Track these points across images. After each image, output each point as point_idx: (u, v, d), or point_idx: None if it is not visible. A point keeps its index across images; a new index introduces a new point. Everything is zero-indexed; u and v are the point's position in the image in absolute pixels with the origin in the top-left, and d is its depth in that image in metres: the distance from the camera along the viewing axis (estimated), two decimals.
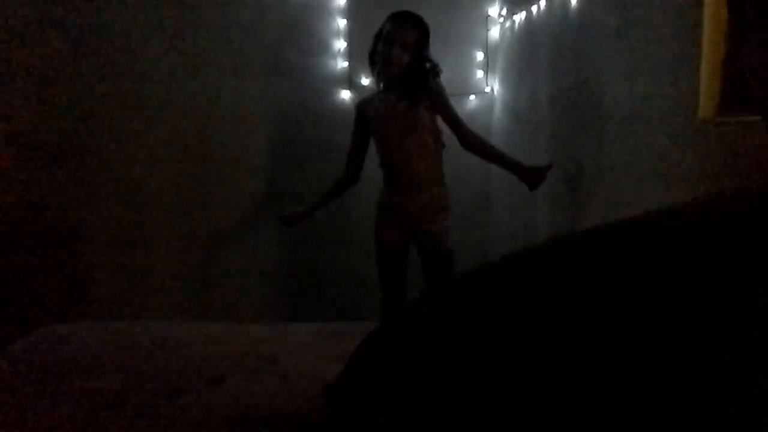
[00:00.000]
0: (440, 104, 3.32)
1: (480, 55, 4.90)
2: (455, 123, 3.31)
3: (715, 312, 0.85)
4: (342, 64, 4.81)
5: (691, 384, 0.83)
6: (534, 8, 4.09)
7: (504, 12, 4.75)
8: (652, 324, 0.88)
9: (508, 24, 4.67)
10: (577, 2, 3.41)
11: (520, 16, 4.40)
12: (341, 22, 4.80)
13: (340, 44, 4.82)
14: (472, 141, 3.30)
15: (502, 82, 4.83)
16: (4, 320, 4.11)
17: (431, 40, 3.38)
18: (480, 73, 4.92)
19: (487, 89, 4.91)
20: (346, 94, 4.79)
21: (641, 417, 0.83)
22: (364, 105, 3.47)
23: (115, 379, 2.30)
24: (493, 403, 0.93)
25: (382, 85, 3.42)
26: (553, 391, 0.90)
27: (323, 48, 4.81)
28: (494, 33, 4.87)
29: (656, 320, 0.88)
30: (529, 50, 4.23)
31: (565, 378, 0.90)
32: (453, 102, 3.32)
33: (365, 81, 4.60)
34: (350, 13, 4.76)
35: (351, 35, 4.74)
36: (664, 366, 0.85)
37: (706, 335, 0.84)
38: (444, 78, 3.40)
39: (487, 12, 4.87)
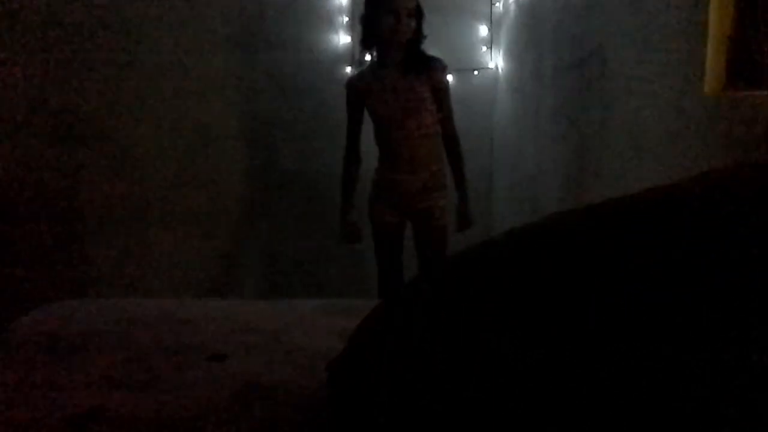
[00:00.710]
0: (443, 96, 3.29)
1: (484, 30, 4.84)
2: (447, 118, 3.32)
3: (715, 312, 0.85)
4: (345, 39, 4.76)
5: (691, 384, 0.83)
6: None
7: None
8: (652, 324, 0.88)
9: None
10: None
11: None
12: None
13: (343, 20, 4.76)
14: (451, 143, 3.36)
15: (507, 57, 4.78)
16: (6, 298, 4.13)
17: (436, 14, 3.36)
18: (484, 48, 4.86)
19: (491, 64, 4.85)
20: (348, 70, 4.75)
21: (641, 417, 0.84)
22: (356, 82, 3.36)
23: (117, 355, 2.30)
24: (492, 399, 0.93)
25: (373, 58, 3.32)
26: (553, 392, 0.90)
27: (326, 23, 4.76)
28: (499, 7, 4.80)
29: (656, 320, 0.88)
30: (534, 24, 4.18)
31: (565, 378, 0.90)
32: (456, 77, 3.35)
33: (369, 57, 4.56)
34: None
35: (354, 11, 4.69)
36: (664, 366, 0.85)
37: (706, 335, 0.84)
38: (448, 53, 3.39)
39: None
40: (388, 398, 1.10)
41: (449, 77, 3.50)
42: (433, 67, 3.20)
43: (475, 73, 4.82)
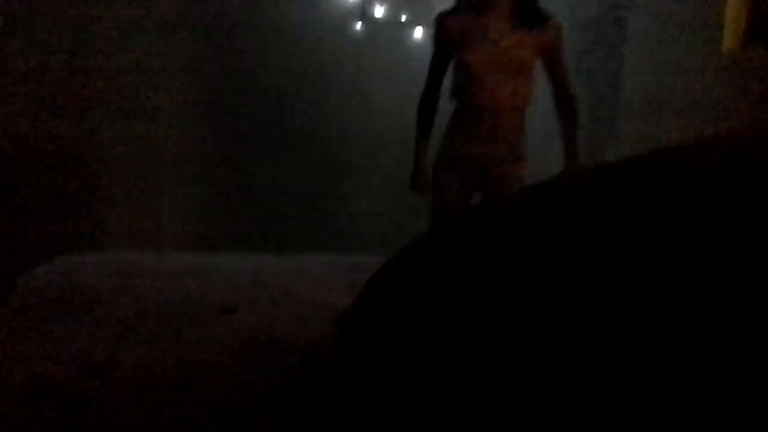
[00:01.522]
0: (556, 59, 2.75)
1: None
2: (562, 80, 2.78)
3: (715, 312, 0.84)
4: None
5: (691, 384, 0.82)
6: None
7: None
8: (652, 323, 0.87)
9: None
10: None
11: None
12: None
13: None
14: (568, 108, 2.78)
15: None
16: (19, 250, 4.17)
17: None
18: None
19: None
20: (358, 25, 4.68)
21: (641, 417, 0.83)
22: (446, 21, 2.74)
23: (129, 308, 2.34)
24: (492, 396, 0.94)
25: (471, 2, 2.70)
26: (553, 391, 0.90)
27: None
28: None
29: (656, 320, 0.87)
30: None
31: (565, 378, 0.90)
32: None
33: (378, 13, 4.48)
34: None
35: None
36: (664, 366, 0.84)
37: (706, 335, 0.83)
38: None
39: None
40: (394, 354, 1.11)
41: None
42: (548, 26, 2.66)
43: None
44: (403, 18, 4.47)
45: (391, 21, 3.09)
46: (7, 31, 3.98)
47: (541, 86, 2.74)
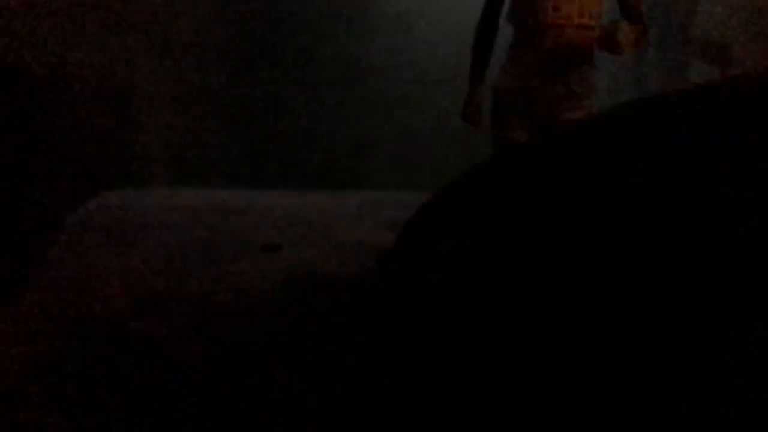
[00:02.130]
0: None
1: None
2: (635, 7, 2.46)
3: (715, 312, 0.83)
4: None
5: (691, 384, 0.82)
6: None
7: None
8: (652, 323, 0.87)
9: None
10: None
11: None
12: None
13: None
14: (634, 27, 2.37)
15: None
16: (65, 187, 4.25)
17: None
18: None
19: None
20: None
21: (641, 417, 0.83)
22: None
23: (174, 244, 2.38)
24: (492, 394, 0.93)
25: None
26: (553, 391, 0.90)
27: None
28: None
29: (656, 320, 0.87)
30: None
31: (565, 378, 0.90)
32: None
33: None
34: None
35: None
36: (664, 366, 0.84)
37: (706, 335, 0.83)
38: None
39: None
40: (433, 295, 1.11)
41: None
42: None
43: None
44: None
45: None
46: None
47: None
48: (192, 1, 4.43)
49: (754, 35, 2.53)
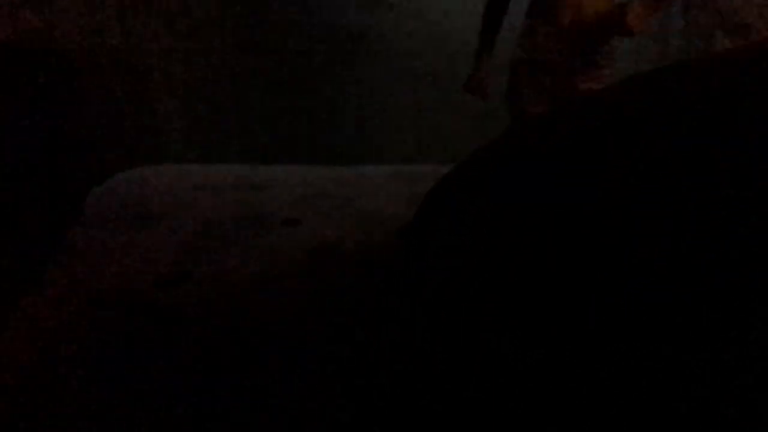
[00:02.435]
0: None
1: None
2: None
3: (715, 312, 0.84)
4: None
5: (691, 384, 0.83)
6: None
7: None
8: (652, 323, 0.87)
9: None
10: None
11: None
12: None
13: None
14: None
15: None
16: (83, 165, 4.28)
17: None
18: None
19: None
20: None
21: (641, 417, 0.84)
22: None
23: (195, 220, 2.39)
24: (492, 394, 0.93)
25: None
26: (553, 391, 0.91)
27: None
28: None
29: (656, 319, 0.87)
30: None
31: (564, 378, 0.90)
32: None
33: None
34: None
35: None
36: (664, 366, 0.85)
37: (706, 335, 0.84)
38: None
39: None
40: (433, 296, 1.11)
41: None
42: None
43: None
44: None
45: None
46: None
47: None
48: None
49: None
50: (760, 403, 0.79)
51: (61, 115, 2.74)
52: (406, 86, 4.80)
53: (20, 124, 2.28)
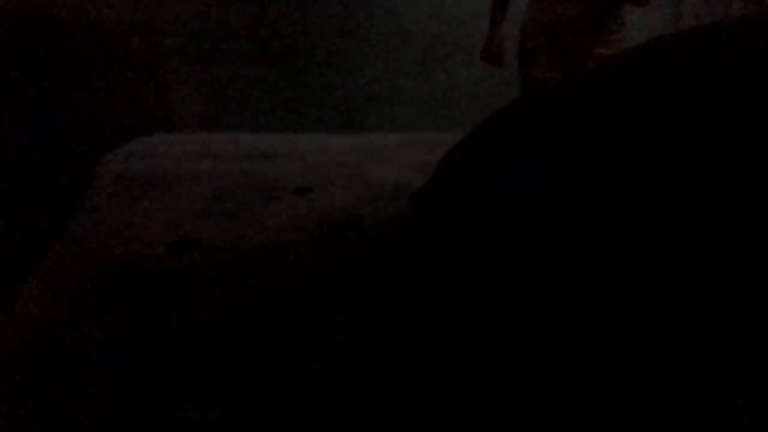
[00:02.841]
0: None
1: None
2: None
3: (715, 312, 0.84)
4: None
5: (691, 384, 0.83)
6: None
7: None
8: (652, 323, 0.87)
9: None
10: None
11: None
12: None
13: None
14: None
15: None
16: (94, 133, 4.28)
17: None
18: None
19: None
20: None
21: (641, 417, 0.84)
22: None
23: (206, 188, 2.39)
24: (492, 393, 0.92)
25: None
26: (553, 391, 0.90)
27: None
28: None
29: (656, 320, 0.87)
30: None
31: (564, 378, 0.90)
32: None
33: None
34: None
35: None
36: (664, 366, 0.85)
37: (706, 335, 0.84)
38: None
39: None
40: (432, 296, 1.11)
41: None
42: None
43: None
44: None
45: None
46: None
47: None
48: None
49: None
50: (760, 403, 0.78)
51: (60, 86, 2.74)
52: (416, 52, 4.75)
53: (25, 93, 2.28)
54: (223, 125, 4.51)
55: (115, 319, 1.64)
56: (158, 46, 4.37)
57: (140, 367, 1.49)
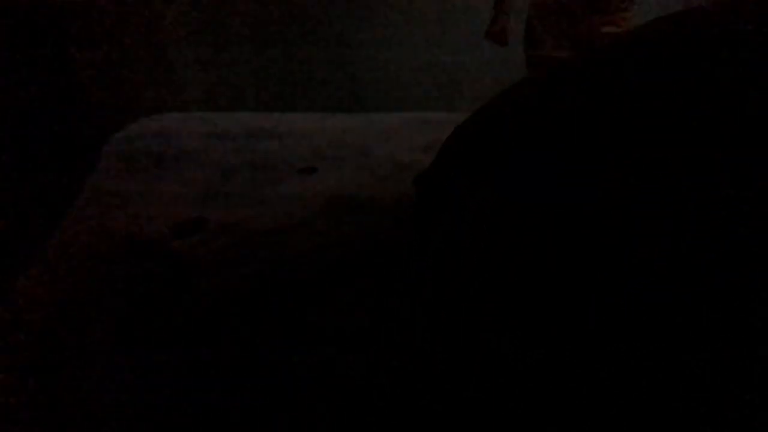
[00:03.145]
0: None
1: None
2: None
3: (715, 312, 0.84)
4: None
5: (691, 384, 0.82)
6: None
7: None
8: (652, 323, 0.87)
9: None
10: None
11: None
12: None
13: None
14: None
15: None
16: (98, 113, 4.28)
17: None
18: None
19: None
20: None
21: (641, 417, 0.84)
22: None
23: (213, 168, 2.39)
24: (492, 394, 0.92)
25: None
26: (552, 391, 0.90)
27: None
28: None
29: (656, 320, 0.87)
30: None
31: (564, 378, 0.90)
32: None
33: None
34: None
35: None
36: (664, 366, 0.84)
37: (706, 335, 0.83)
38: None
39: None
40: (432, 296, 1.11)
41: None
42: None
43: None
44: None
45: None
46: None
47: None
48: None
49: None
50: (760, 403, 0.79)
51: (63, 67, 2.73)
52: (421, 31, 4.70)
53: (30, 72, 2.28)
54: (229, 105, 4.50)
55: (119, 299, 1.65)
56: (159, 26, 4.33)
57: (143, 346, 1.50)
